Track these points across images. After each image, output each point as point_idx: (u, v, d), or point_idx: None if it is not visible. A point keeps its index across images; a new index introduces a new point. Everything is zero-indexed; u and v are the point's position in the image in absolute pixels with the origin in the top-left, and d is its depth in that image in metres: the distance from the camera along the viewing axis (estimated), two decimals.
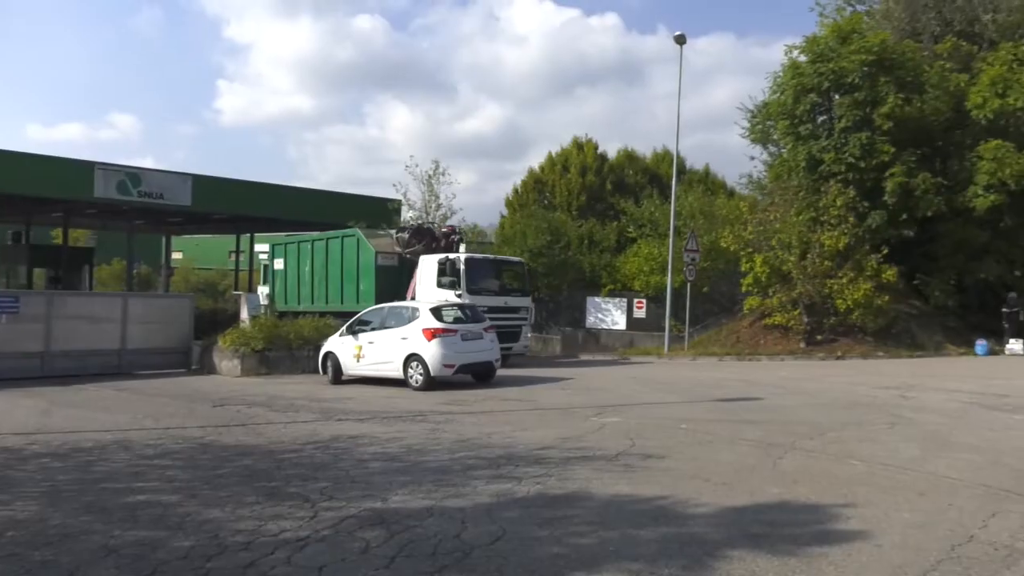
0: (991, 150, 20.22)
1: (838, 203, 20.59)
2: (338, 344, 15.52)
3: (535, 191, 35.07)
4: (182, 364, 18.54)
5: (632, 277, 24.51)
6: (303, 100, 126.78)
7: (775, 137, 23.92)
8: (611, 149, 37.48)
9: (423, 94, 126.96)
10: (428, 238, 20.55)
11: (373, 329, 14.98)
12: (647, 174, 35.00)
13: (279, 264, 23.46)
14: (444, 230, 21.36)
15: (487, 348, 14.49)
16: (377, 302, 17.94)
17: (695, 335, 22.04)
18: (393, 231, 21.40)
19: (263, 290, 32.13)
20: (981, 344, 20.58)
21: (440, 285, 18.30)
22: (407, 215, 25.29)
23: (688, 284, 21.20)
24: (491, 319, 17.11)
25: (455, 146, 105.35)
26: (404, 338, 14.11)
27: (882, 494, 6.02)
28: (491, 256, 21.44)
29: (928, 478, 6.60)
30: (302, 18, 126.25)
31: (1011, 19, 22.70)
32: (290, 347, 17.77)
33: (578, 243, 26.42)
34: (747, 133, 25.04)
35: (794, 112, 21.91)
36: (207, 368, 18.00)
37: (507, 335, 17.86)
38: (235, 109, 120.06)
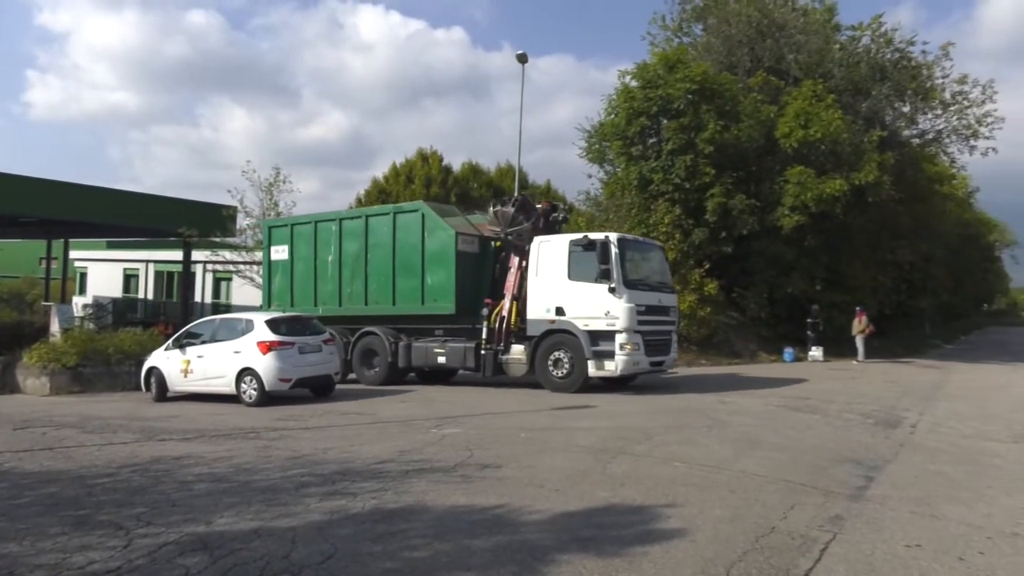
0: (796, 175, 22.39)
1: (666, 220, 21.99)
2: (163, 359, 14.60)
3: (379, 201, 34.83)
4: None
5: None
6: (128, 97, 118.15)
7: (610, 157, 25.15)
8: (456, 162, 38.03)
9: (263, 97, 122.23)
10: (533, 215, 15.40)
11: (203, 342, 14.22)
12: (491, 188, 35.76)
13: (280, 253, 17.88)
14: (541, 205, 16.06)
15: (326, 361, 14.13)
16: (457, 300, 15.04)
17: None
18: (493, 205, 15.92)
19: (79, 300, 29.55)
20: (788, 352, 22.71)
21: (575, 276, 14.03)
22: (243, 223, 24.22)
23: None
24: (646, 322, 13.89)
25: (297, 152, 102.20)
26: (237, 351, 13.48)
27: (699, 493, 6.46)
28: (640, 238, 16.76)
29: (739, 476, 7.16)
30: (128, 9, 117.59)
31: (811, 60, 25.29)
32: (109, 363, 16.54)
33: None
34: (584, 152, 26.16)
35: (627, 134, 23.16)
36: (9, 387, 16.34)
37: (658, 346, 14.31)
38: (48, 103, 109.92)
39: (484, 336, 14.92)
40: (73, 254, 34.66)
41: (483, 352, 14.89)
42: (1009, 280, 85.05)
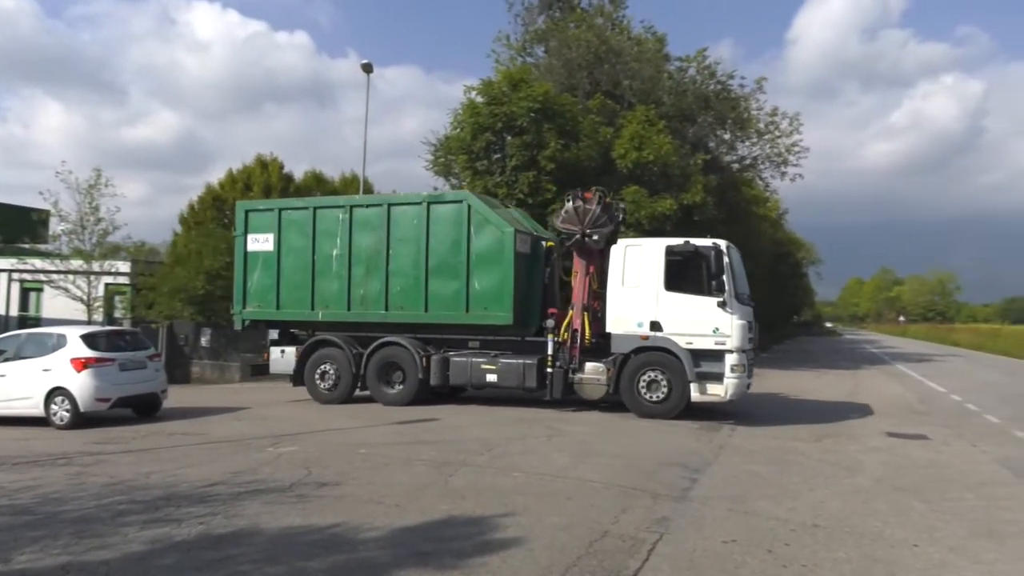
0: (631, 194, 23.60)
1: None
2: None
3: (214, 208, 32.93)
4: None
5: None
6: None
7: (456, 170, 25.34)
8: (298, 170, 36.76)
9: (83, 92, 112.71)
10: (615, 215, 13.85)
11: (6, 359, 12.85)
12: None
13: (260, 243, 14.99)
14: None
15: (151, 378, 13.20)
16: (515, 308, 13.17)
17: None
18: (568, 200, 14.05)
19: None
20: None
21: (674, 287, 12.44)
22: (57, 228, 22.12)
23: None
24: (750, 339, 12.53)
25: (123, 154, 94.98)
26: (46, 369, 12.30)
27: (537, 501, 6.64)
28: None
29: (576, 483, 7.43)
30: None
31: (644, 87, 26.88)
32: None
33: None
34: (430, 165, 26.20)
35: (472, 148, 23.43)
36: None
37: (750, 365, 12.94)
38: None
39: (550, 351, 13.19)
40: None
41: (550, 370, 13.15)
42: (815, 294, 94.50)
